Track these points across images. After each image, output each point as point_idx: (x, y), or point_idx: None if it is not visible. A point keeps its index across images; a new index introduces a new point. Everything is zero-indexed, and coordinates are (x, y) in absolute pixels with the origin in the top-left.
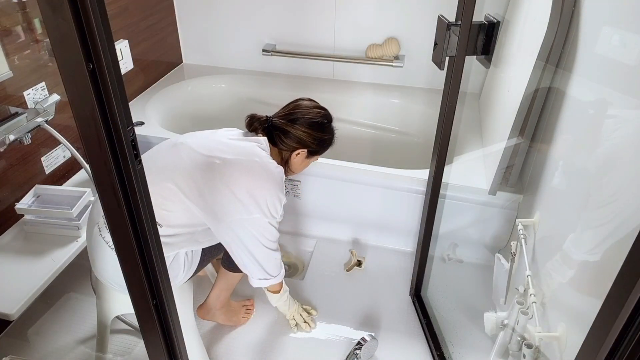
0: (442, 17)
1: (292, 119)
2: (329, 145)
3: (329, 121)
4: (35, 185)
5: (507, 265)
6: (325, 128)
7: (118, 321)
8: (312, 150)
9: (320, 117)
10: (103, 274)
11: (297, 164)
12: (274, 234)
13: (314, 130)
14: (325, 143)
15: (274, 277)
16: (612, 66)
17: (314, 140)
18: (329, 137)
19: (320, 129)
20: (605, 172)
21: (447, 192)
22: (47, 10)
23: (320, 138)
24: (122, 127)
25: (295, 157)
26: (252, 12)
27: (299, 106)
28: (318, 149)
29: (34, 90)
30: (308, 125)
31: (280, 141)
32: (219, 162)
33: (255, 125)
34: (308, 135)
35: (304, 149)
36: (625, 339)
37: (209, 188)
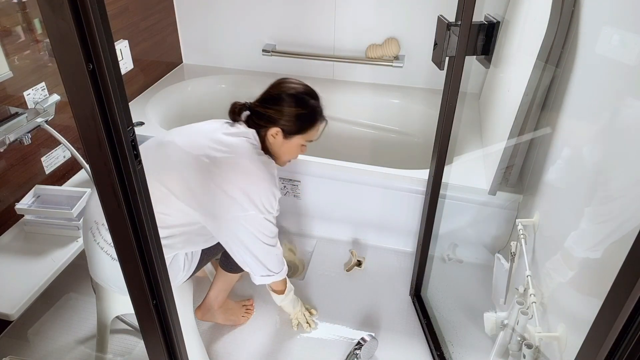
0: (442, 17)
1: (264, 99)
2: (308, 121)
3: (307, 95)
4: (35, 185)
5: (507, 265)
6: (300, 101)
7: (118, 321)
8: (286, 129)
9: (292, 91)
10: (100, 277)
11: (277, 147)
12: (272, 230)
13: (284, 105)
14: (302, 119)
15: (276, 273)
16: (612, 66)
17: (286, 116)
18: (306, 112)
19: (292, 103)
20: (605, 172)
21: (447, 192)
22: (47, 10)
23: (293, 113)
24: (122, 127)
25: (274, 140)
26: (252, 12)
27: (274, 85)
28: (294, 127)
29: (34, 90)
30: (277, 100)
31: (255, 124)
32: (208, 161)
33: (237, 113)
34: (276, 112)
35: (276, 128)
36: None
37: (201, 188)
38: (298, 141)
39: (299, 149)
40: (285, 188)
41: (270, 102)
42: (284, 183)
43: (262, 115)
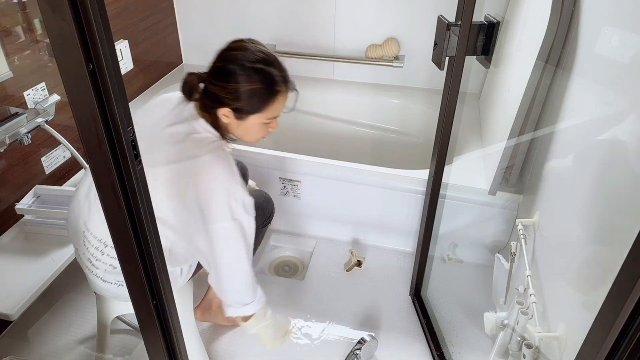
0: (442, 17)
1: (211, 71)
2: (263, 97)
3: (259, 63)
4: (35, 185)
5: (507, 265)
6: (249, 74)
7: (118, 321)
8: (236, 108)
9: (237, 60)
10: (95, 288)
11: (233, 128)
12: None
13: (229, 81)
14: (253, 96)
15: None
16: (612, 66)
17: (231, 94)
18: (256, 87)
19: (237, 77)
20: (605, 172)
21: (447, 192)
22: (47, 10)
23: (239, 90)
24: (122, 127)
25: (228, 120)
26: (252, 13)
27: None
28: (244, 106)
29: (34, 90)
30: (222, 74)
31: (203, 103)
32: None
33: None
34: (221, 89)
35: (225, 108)
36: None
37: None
38: (255, 121)
39: (262, 129)
40: (285, 188)
41: (216, 76)
42: (284, 183)
43: (208, 93)
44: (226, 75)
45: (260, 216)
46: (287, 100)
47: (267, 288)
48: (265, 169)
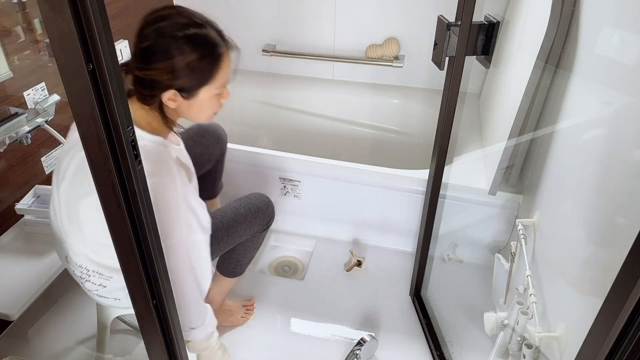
0: (442, 17)
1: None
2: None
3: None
4: (35, 185)
5: (507, 265)
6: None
7: (118, 321)
8: (183, 87)
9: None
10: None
11: (184, 111)
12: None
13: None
14: (200, 66)
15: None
16: (612, 66)
17: (172, 73)
18: (198, 54)
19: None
20: (605, 172)
21: (447, 192)
22: (47, 10)
23: (184, 64)
24: (122, 127)
25: (175, 105)
26: (252, 12)
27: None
28: (193, 81)
29: (33, 90)
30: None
31: (140, 95)
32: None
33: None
34: (159, 71)
35: (167, 91)
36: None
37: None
38: (207, 93)
39: (215, 101)
40: (285, 188)
41: (145, 58)
42: (284, 183)
43: (143, 82)
44: (158, 53)
45: (261, 220)
46: (230, 61)
47: (267, 288)
48: (265, 169)
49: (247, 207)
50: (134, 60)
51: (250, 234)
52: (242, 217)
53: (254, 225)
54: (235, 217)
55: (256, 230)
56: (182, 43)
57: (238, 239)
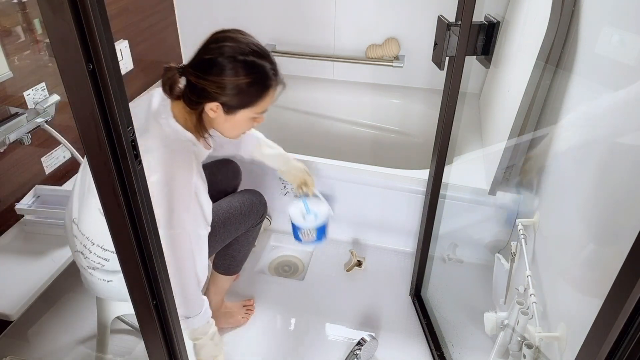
0: (442, 17)
1: (196, 64)
2: (257, 91)
3: (253, 56)
4: (35, 185)
5: (507, 265)
6: (244, 67)
7: (118, 321)
8: (227, 103)
9: (230, 52)
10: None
11: (219, 124)
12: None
13: (222, 74)
14: (247, 90)
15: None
16: (612, 66)
17: (225, 89)
18: (252, 80)
19: (232, 71)
20: (605, 172)
21: (447, 192)
22: (47, 10)
23: (234, 84)
24: (122, 127)
25: (214, 115)
26: (252, 13)
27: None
28: (237, 101)
29: (34, 90)
30: (212, 66)
31: (188, 98)
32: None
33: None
34: (212, 83)
35: (213, 103)
36: (625, 339)
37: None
38: (245, 115)
39: (249, 123)
40: (285, 188)
41: (204, 69)
42: (284, 183)
43: (194, 88)
44: (216, 68)
45: (254, 214)
46: (275, 94)
47: (267, 288)
48: (265, 168)
49: (240, 201)
50: (192, 67)
51: (245, 227)
52: (236, 211)
53: (248, 219)
54: (230, 211)
55: (251, 224)
56: (239, 66)
57: (234, 233)
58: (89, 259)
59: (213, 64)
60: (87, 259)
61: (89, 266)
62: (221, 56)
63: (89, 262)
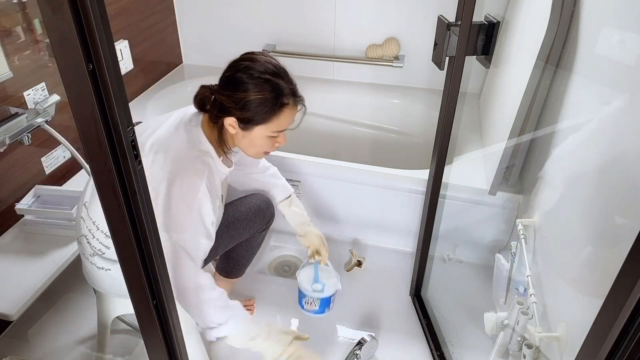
0: (442, 17)
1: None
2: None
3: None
4: (35, 185)
5: (507, 265)
6: (257, 83)
7: (118, 321)
8: (241, 118)
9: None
10: (97, 286)
11: (238, 139)
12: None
13: (237, 90)
14: (258, 106)
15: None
16: (612, 66)
17: (238, 103)
18: (263, 96)
19: (246, 86)
20: (605, 172)
21: (447, 192)
22: (47, 10)
23: (246, 99)
24: (122, 127)
25: (233, 131)
26: (252, 13)
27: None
28: (249, 116)
29: (34, 90)
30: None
31: (211, 114)
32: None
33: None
34: (228, 98)
35: (230, 118)
36: (625, 339)
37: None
38: (261, 132)
39: (267, 142)
40: None
41: (225, 85)
42: None
43: (216, 103)
44: (233, 84)
45: (260, 219)
46: (294, 115)
47: (267, 288)
48: None
49: (247, 206)
50: (218, 85)
51: (250, 233)
52: (242, 215)
53: (254, 224)
54: (236, 216)
55: (256, 230)
56: (253, 82)
57: (238, 238)
58: (91, 244)
59: (230, 79)
60: (90, 244)
61: (91, 252)
62: (238, 72)
63: (91, 248)
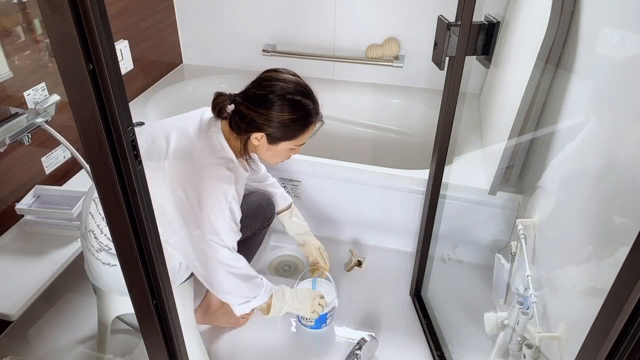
0: (442, 17)
1: (248, 96)
2: (299, 127)
3: (299, 95)
4: (35, 185)
5: (507, 265)
6: (291, 105)
7: (118, 321)
8: (272, 135)
9: (280, 91)
10: (97, 281)
11: (261, 151)
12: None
13: (271, 109)
14: (292, 125)
15: (253, 297)
16: (612, 66)
17: (272, 122)
18: (296, 117)
19: (280, 107)
20: (605, 172)
21: (447, 192)
22: (47, 10)
23: (281, 119)
24: (122, 127)
25: (258, 143)
26: (252, 12)
27: (260, 81)
28: (281, 134)
29: (34, 90)
30: (262, 101)
31: (235, 124)
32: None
33: (221, 110)
34: (260, 115)
35: (259, 133)
36: (625, 339)
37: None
38: (286, 146)
39: (288, 153)
40: (285, 188)
41: (254, 102)
42: (284, 183)
43: (244, 117)
44: (266, 102)
45: (261, 217)
46: (314, 129)
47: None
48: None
49: (248, 204)
50: (243, 98)
51: (252, 231)
52: (243, 214)
53: (255, 222)
54: None
55: (257, 228)
56: (286, 104)
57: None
58: (98, 239)
59: (264, 99)
60: (97, 239)
61: (97, 248)
62: (272, 93)
63: (98, 243)
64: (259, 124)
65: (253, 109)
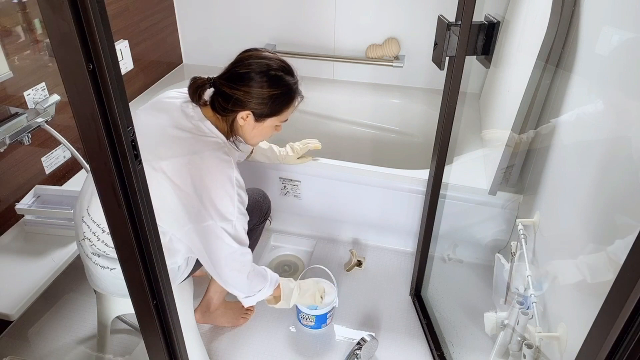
0: (442, 17)
1: (230, 76)
2: (284, 102)
3: (281, 71)
4: (35, 185)
5: (507, 265)
6: (273, 81)
7: (118, 321)
8: (257, 112)
9: (263, 67)
10: (96, 285)
11: (247, 130)
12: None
13: (254, 86)
14: (276, 100)
15: (258, 291)
16: (613, 66)
17: (257, 99)
18: (280, 92)
19: (263, 83)
20: (606, 172)
21: (447, 192)
22: (47, 10)
23: (266, 95)
24: (122, 127)
25: (243, 123)
26: (252, 12)
27: (240, 60)
28: (266, 110)
29: (34, 90)
30: (245, 79)
31: (220, 106)
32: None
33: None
34: (245, 93)
35: (245, 111)
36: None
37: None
38: (271, 123)
39: (272, 131)
40: (285, 188)
41: (237, 81)
42: (284, 183)
43: (229, 97)
44: (250, 80)
45: (257, 212)
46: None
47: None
48: (265, 169)
49: None
50: (224, 78)
51: (250, 226)
52: None
53: (253, 216)
54: None
55: (254, 223)
56: (271, 79)
57: None
58: (95, 246)
59: (247, 76)
60: (94, 246)
61: (94, 253)
62: (255, 71)
63: (95, 249)
64: (244, 102)
65: (237, 87)
